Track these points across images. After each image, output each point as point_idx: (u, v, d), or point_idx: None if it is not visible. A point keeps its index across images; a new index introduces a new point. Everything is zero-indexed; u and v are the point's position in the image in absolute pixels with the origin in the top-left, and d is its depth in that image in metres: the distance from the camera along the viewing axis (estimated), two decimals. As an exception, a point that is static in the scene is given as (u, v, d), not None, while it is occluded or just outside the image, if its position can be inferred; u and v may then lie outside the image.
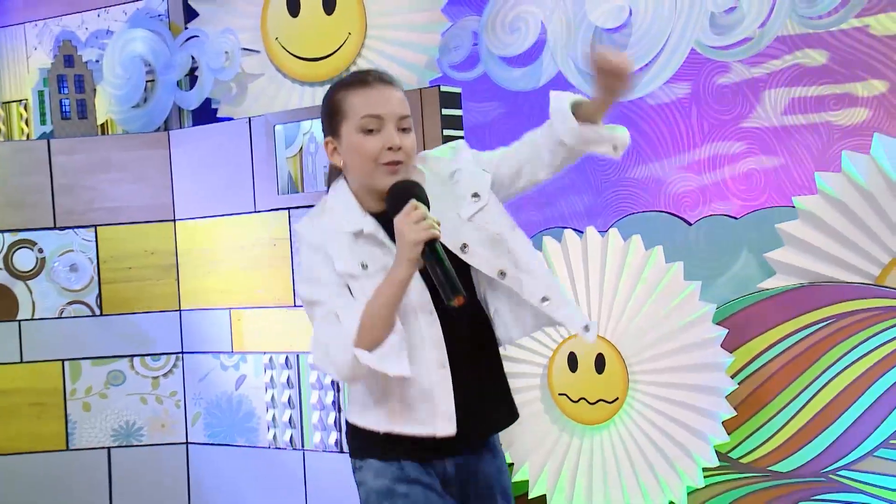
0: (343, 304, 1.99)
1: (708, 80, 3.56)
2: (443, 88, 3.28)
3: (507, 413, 2.18)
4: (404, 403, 2.02)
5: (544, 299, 2.06)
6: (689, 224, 3.51)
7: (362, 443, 2.12)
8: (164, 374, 3.96)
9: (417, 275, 1.98)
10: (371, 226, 2.03)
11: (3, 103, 4.62)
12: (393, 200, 1.97)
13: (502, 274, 2.05)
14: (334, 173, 2.17)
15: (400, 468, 2.06)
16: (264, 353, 3.72)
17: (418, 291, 2.01)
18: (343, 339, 1.95)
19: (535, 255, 2.11)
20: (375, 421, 2.06)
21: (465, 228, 2.06)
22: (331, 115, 2.08)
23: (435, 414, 2.01)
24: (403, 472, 2.05)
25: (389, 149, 2.00)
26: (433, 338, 2.01)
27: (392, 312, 1.95)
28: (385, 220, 2.00)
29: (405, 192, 1.97)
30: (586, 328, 2.10)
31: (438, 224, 1.92)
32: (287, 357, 3.67)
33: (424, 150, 2.20)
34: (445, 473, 2.10)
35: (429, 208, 1.96)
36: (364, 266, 2.00)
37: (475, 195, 2.08)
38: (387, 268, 1.97)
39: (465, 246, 2.05)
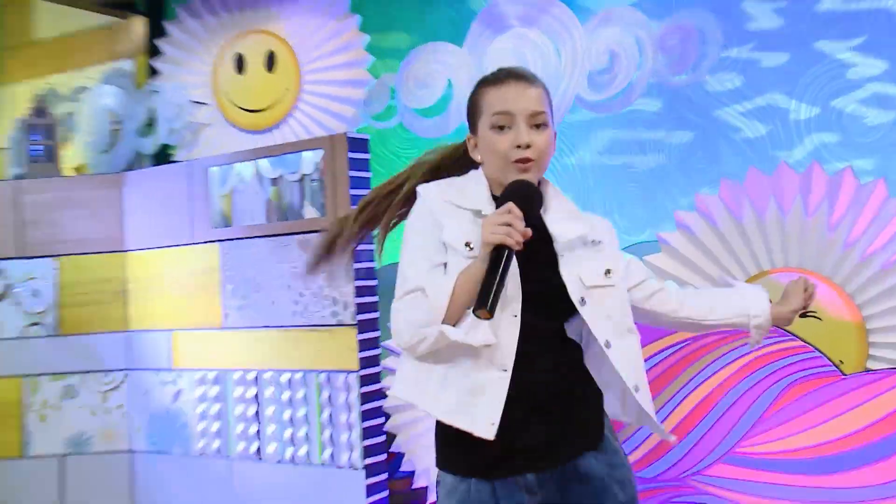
0: (433, 280, 1.74)
1: (591, 132, 3.63)
2: (350, 134, 3.35)
3: (579, 444, 1.83)
4: (458, 392, 1.75)
5: (636, 388, 1.85)
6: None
7: (440, 451, 1.85)
8: (113, 389, 3.98)
9: (517, 276, 1.74)
10: (491, 209, 1.80)
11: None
12: (507, 197, 1.74)
13: (608, 343, 1.81)
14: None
15: (467, 491, 1.78)
16: (198, 370, 3.75)
17: (512, 293, 1.74)
18: (429, 313, 1.70)
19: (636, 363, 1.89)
20: (426, 401, 1.79)
21: (587, 293, 1.82)
22: (470, 113, 1.89)
23: (478, 412, 1.72)
24: (470, 497, 1.77)
25: (518, 146, 1.78)
26: (507, 340, 1.73)
27: (470, 297, 1.69)
28: None
29: (516, 193, 1.74)
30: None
31: (528, 237, 1.69)
32: (216, 374, 3.69)
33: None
34: (527, 484, 1.78)
35: (530, 218, 1.72)
36: (468, 246, 1.75)
37: (608, 272, 1.85)
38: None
39: (583, 300, 1.80)
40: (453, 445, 1.80)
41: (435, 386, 1.77)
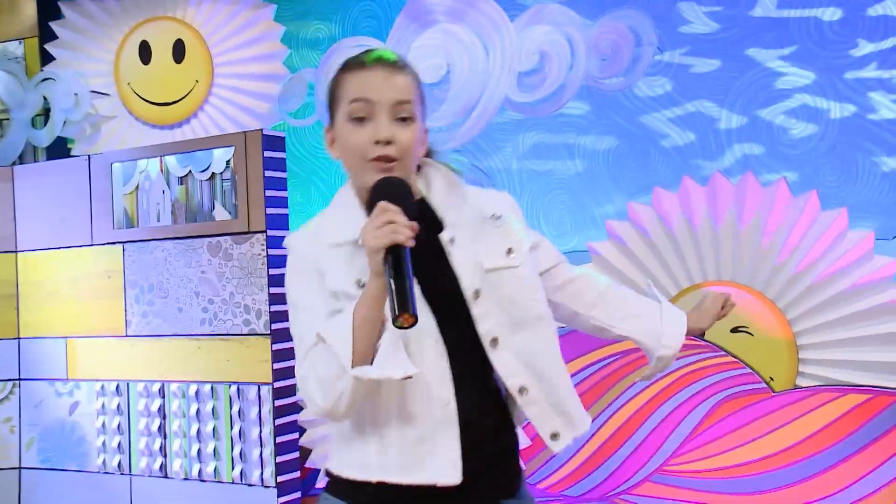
0: (328, 327, 1.48)
1: (516, 134, 3.49)
2: (265, 132, 3.13)
3: (513, 471, 1.62)
4: (401, 446, 1.50)
5: (521, 390, 1.56)
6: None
7: (346, 491, 1.58)
8: (1, 401, 3.65)
9: (421, 296, 1.49)
10: None
11: None
12: (375, 199, 1.47)
13: (494, 342, 1.54)
14: None
15: None
16: (97, 380, 3.48)
17: (423, 314, 1.48)
18: (336, 364, 1.45)
19: (554, 358, 1.60)
20: (365, 468, 1.53)
21: (484, 278, 1.55)
22: (328, 101, 1.58)
23: (435, 459, 1.49)
24: None
25: (377, 142, 1.48)
26: (439, 370, 1.50)
27: (376, 327, 1.45)
28: None
29: (382, 192, 1.47)
30: (553, 436, 1.59)
31: (415, 230, 1.43)
32: (118, 384, 3.44)
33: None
34: None
35: (410, 212, 1.45)
36: (360, 284, 1.49)
37: (510, 251, 1.58)
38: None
39: (477, 293, 1.54)
40: (371, 491, 1.53)
41: (373, 450, 1.52)
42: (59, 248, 3.59)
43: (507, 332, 1.55)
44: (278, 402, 3.15)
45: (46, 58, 3.93)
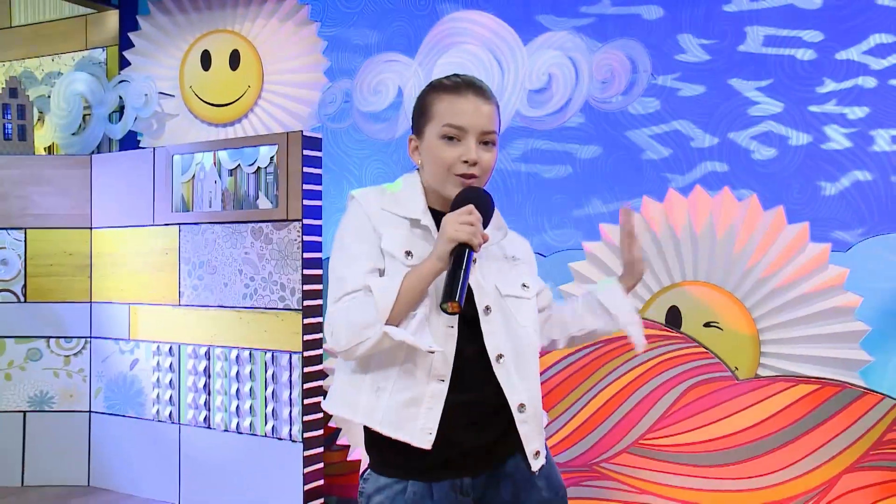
0: (376, 281, 1.51)
1: (530, 145, 3.50)
2: (305, 133, 3.17)
3: (511, 446, 1.61)
4: (391, 403, 1.54)
5: (521, 406, 1.58)
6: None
7: (374, 455, 1.61)
8: (75, 354, 3.75)
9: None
10: (430, 221, 1.58)
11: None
12: (460, 204, 1.53)
13: (500, 357, 1.56)
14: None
15: (403, 491, 1.56)
16: (153, 341, 3.55)
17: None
18: (372, 313, 1.48)
19: (539, 386, 1.63)
20: (359, 412, 1.57)
21: (498, 300, 1.59)
22: (418, 115, 1.61)
23: (415, 423, 1.52)
24: (406, 497, 1.56)
25: (465, 161, 1.54)
26: (445, 353, 1.53)
27: (416, 299, 1.50)
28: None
29: (472, 199, 1.53)
30: (536, 454, 1.62)
31: (485, 239, 1.49)
32: (171, 346, 3.51)
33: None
34: (463, 486, 1.58)
35: (486, 224, 1.52)
36: (408, 254, 1.53)
37: (525, 286, 1.63)
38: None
39: (487, 309, 1.57)
40: (389, 450, 1.57)
41: (367, 398, 1.55)
42: (126, 226, 3.66)
43: (511, 353, 1.57)
44: (307, 369, 3.20)
45: (124, 63, 4.01)
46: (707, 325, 2.89)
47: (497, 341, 1.56)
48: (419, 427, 1.52)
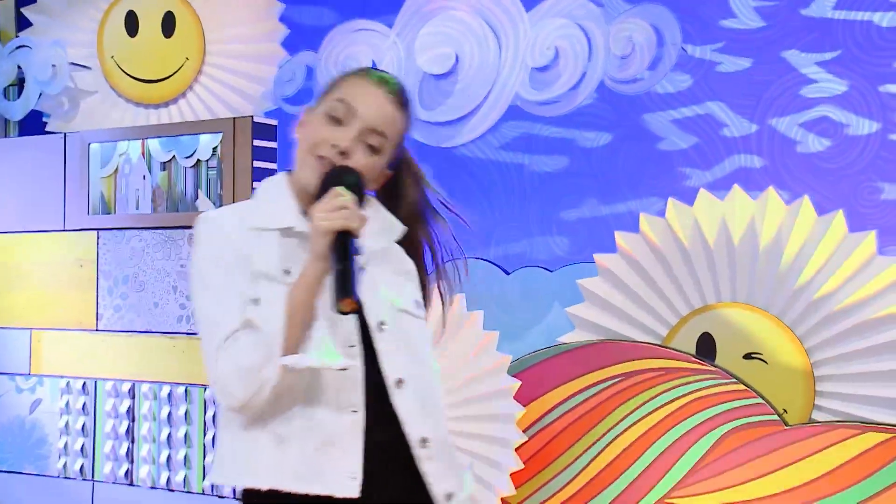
0: (258, 313, 1.60)
1: (533, 134, 3.62)
2: (256, 119, 3.27)
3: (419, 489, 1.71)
4: (300, 453, 1.61)
5: (423, 441, 1.70)
6: (507, 273, 3.54)
7: None
8: (-44, 394, 3.80)
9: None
10: (304, 225, 1.66)
11: None
12: (329, 182, 1.63)
13: (400, 382, 1.68)
14: None
15: None
16: (62, 376, 3.63)
17: (337, 318, 1.62)
18: (262, 351, 1.57)
19: (444, 414, 1.79)
20: (260, 474, 1.62)
21: (393, 315, 1.72)
22: (323, 93, 1.76)
23: (335, 468, 1.60)
24: None
25: (334, 146, 1.64)
26: (350, 375, 1.62)
27: (308, 316, 1.59)
28: None
29: (337, 179, 1.62)
30: (448, 497, 1.73)
31: (366, 220, 1.60)
32: (85, 382, 3.59)
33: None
34: None
35: (361, 201, 1.64)
36: (287, 272, 1.62)
37: (418, 303, 1.79)
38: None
39: (382, 324, 1.69)
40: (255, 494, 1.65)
41: (269, 455, 1.63)
42: (28, 231, 3.72)
43: (412, 378, 1.69)
44: (256, 410, 3.28)
45: (24, 23, 4.05)
46: (748, 356, 3.00)
47: (396, 363, 1.68)
48: (339, 472, 1.60)
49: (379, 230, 1.74)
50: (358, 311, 1.57)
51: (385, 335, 1.68)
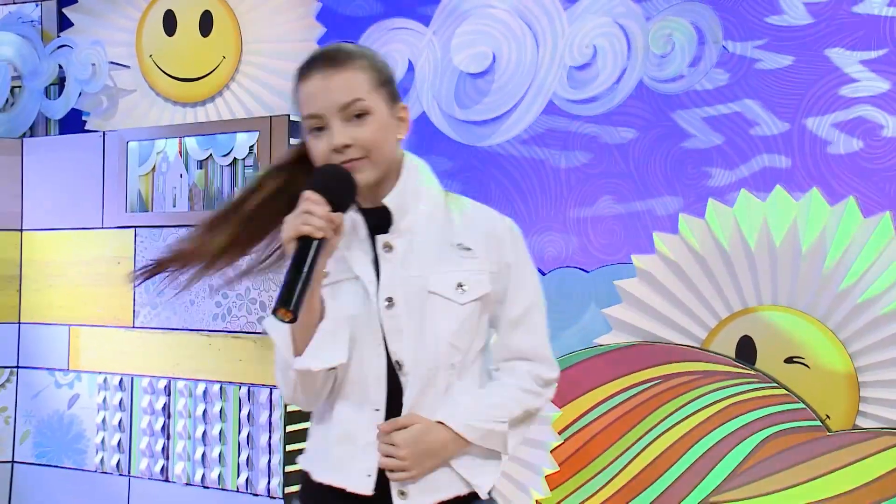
0: (271, 321, 1.64)
1: (570, 133, 3.57)
2: (292, 118, 3.26)
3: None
4: (325, 443, 1.67)
5: None
6: (543, 274, 3.50)
7: (301, 494, 1.77)
8: (-3, 388, 3.83)
9: (364, 295, 1.64)
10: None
11: None
12: (310, 186, 1.60)
13: (398, 365, 1.64)
14: None
15: None
16: (99, 373, 3.64)
17: (366, 315, 1.63)
18: (282, 354, 1.64)
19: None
20: (303, 461, 1.74)
21: (410, 294, 1.65)
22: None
23: (352, 463, 1.63)
24: None
25: (335, 150, 1.60)
26: (375, 372, 1.63)
27: (310, 316, 1.60)
28: (371, 225, 1.67)
29: (318, 182, 1.59)
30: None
31: (334, 223, 1.56)
32: (122, 379, 3.59)
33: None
34: None
35: (347, 204, 1.61)
36: (326, 275, 1.63)
37: (461, 287, 1.66)
38: (347, 278, 1.65)
39: (390, 301, 1.64)
40: (324, 498, 1.70)
41: (314, 445, 1.73)
42: (67, 229, 3.74)
43: (413, 363, 1.64)
44: (291, 408, 3.26)
45: (65, 23, 4.09)
46: (789, 360, 2.96)
47: (400, 345, 1.63)
48: (356, 468, 1.63)
49: (403, 195, 1.67)
50: (293, 320, 1.52)
51: (393, 313, 1.64)
